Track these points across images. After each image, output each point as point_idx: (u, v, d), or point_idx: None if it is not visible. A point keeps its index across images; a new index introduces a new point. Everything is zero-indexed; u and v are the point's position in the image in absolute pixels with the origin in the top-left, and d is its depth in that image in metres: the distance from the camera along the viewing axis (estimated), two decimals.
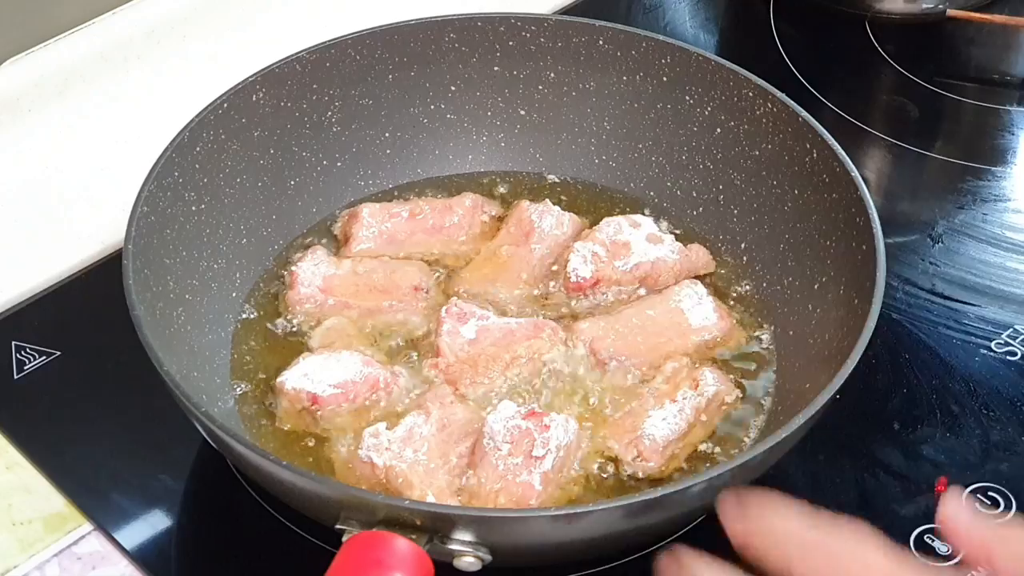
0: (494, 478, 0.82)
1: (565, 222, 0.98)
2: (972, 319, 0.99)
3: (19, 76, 1.07)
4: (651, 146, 1.02)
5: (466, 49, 1.01)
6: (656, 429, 0.85)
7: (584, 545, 0.78)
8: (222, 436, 0.76)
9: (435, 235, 0.99)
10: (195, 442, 0.89)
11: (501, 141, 1.04)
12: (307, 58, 0.98)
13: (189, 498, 0.89)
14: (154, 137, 0.93)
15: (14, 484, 0.88)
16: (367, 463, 0.82)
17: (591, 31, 1.00)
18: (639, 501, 0.75)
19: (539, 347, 0.90)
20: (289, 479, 0.76)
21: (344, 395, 0.87)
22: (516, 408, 0.84)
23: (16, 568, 0.84)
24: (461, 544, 0.73)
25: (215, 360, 0.90)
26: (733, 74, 0.97)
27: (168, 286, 0.88)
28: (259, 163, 0.97)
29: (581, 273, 0.94)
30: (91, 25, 1.10)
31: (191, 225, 0.92)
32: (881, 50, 1.21)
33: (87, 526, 0.86)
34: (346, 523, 0.74)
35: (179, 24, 1.14)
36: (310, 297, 0.94)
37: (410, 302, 0.94)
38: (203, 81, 1.07)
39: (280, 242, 0.98)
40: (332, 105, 1.00)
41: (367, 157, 1.02)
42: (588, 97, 1.02)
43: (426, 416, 0.84)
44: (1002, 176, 1.11)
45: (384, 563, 0.71)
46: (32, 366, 0.94)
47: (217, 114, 0.93)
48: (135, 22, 1.12)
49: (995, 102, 1.19)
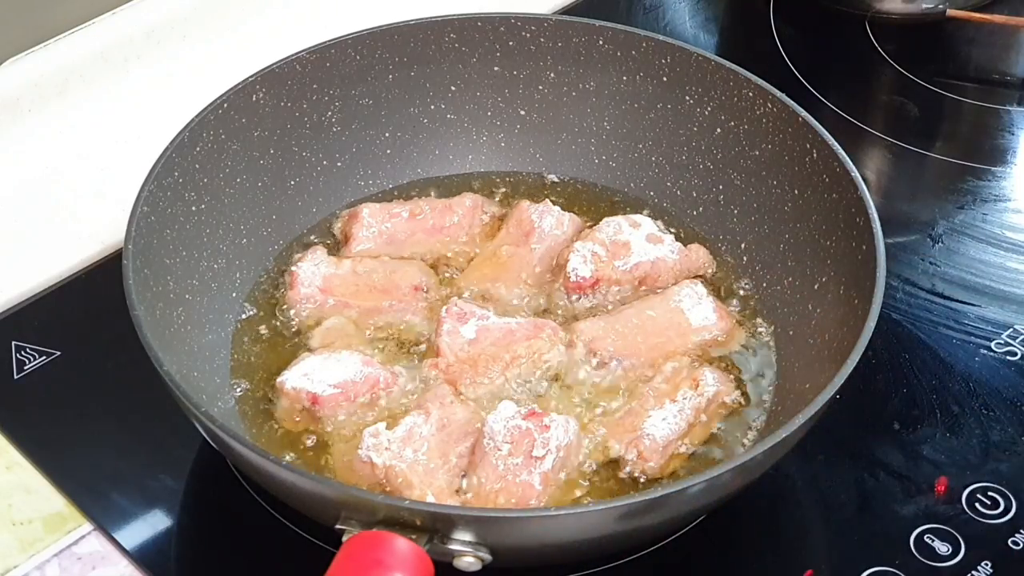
0: (494, 478, 0.82)
1: (565, 222, 0.98)
2: (972, 319, 0.99)
3: (19, 76, 1.07)
4: (651, 146, 1.02)
5: (466, 49, 1.01)
6: (656, 429, 0.85)
7: (584, 545, 0.78)
8: (222, 436, 0.76)
9: (435, 235, 0.99)
10: (195, 442, 0.89)
11: (501, 141, 1.04)
12: (307, 58, 0.98)
13: (189, 498, 0.89)
14: (154, 137, 0.93)
15: (14, 484, 0.88)
16: (367, 463, 0.82)
17: (591, 31, 1.00)
18: (639, 501, 0.75)
19: (539, 347, 0.90)
20: (289, 479, 0.76)
21: (344, 395, 0.87)
22: (516, 408, 0.84)
23: (16, 568, 0.84)
24: (461, 544, 0.73)
25: (215, 360, 0.90)
26: (733, 74, 0.97)
27: (168, 286, 0.88)
28: (259, 163, 0.97)
29: (581, 273, 0.94)
30: (91, 25, 1.10)
31: (191, 225, 0.92)
32: (881, 50, 1.21)
33: (87, 526, 0.86)
34: (346, 523, 0.74)
35: (179, 24, 1.14)
36: (310, 297, 0.94)
37: (410, 302, 0.94)
38: (203, 81, 1.07)
39: (280, 242, 0.98)
40: (332, 105, 1.00)
41: (367, 157, 1.02)
42: (588, 97, 1.02)
43: (426, 416, 0.84)
44: (1002, 176, 1.11)
45: (384, 563, 0.71)
46: (32, 366, 0.94)
47: (217, 114, 0.93)
48: (135, 22, 1.12)
49: (995, 102, 1.19)
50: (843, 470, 0.90)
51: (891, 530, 0.86)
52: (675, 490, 0.75)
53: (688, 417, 0.86)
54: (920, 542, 0.85)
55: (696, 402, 0.87)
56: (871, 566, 0.84)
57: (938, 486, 0.88)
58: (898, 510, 0.87)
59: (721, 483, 0.76)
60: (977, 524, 0.86)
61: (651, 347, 0.91)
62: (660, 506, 0.76)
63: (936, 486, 0.88)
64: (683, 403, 0.86)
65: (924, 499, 0.88)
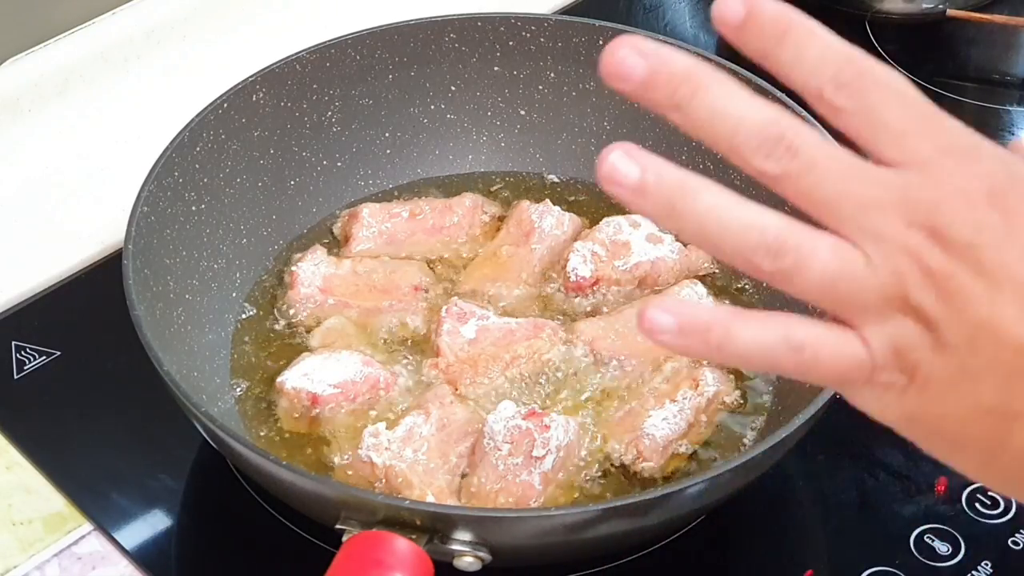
0: (494, 478, 0.82)
1: (565, 222, 0.98)
2: None
3: (19, 76, 1.07)
4: (651, 146, 1.00)
5: (466, 49, 1.01)
6: (656, 429, 0.85)
7: (584, 545, 0.78)
8: (222, 436, 0.76)
9: (435, 235, 0.99)
10: (195, 442, 0.89)
11: (501, 141, 1.04)
12: (307, 58, 0.98)
13: (189, 498, 0.89)
14: (154, 137, 0.93)
15: (14, 484, 0.88)
16: (367, 463, 0.82)
17: (591, 31, 1.00)
18: (639, 501, 0.75)
19: (539, 347, 0.90)
20: (289, 479, 0.76)
21: (344, 395, 0.87)
22: (516, 408, 0.84)
23: (16, 568, 0.84)
24: (461, 544, 0.73)
25: (215, 360, 0.90)
26: (733, 74, 0.96)
27: (168, 286, 0.88)
28: (259, 163, 0.97)
29: (581, 273, 0.94)
30: (91, 25, 1.10)
31: (191, 225, 0.92)
32: (881, 50, 1.21)
33: (87, 526, 0.86)
34: (346, 523, 0.74)
35: (179, 24, 1.14)
36: (310, 297, 0.94)
37: (410, 302, 0.94)
38: (203, 81, 1.07)
39: (280, 242, 0.98)
40: (332, 105, 1.00)
41: (367, 157, 1.02)
42: (588, 97, 1.02)
43: (426, 416, 0.84)
44: None
45: (384, 563, 0.71)
46: (32, 366, 0.94)
47: (217, 114, 0.93)
48: (135, 22, 1.12)
49: (995, 102, 1.19)
50: (843, 470, 0.90)
51: (891, 530, 0.86)
52: (675, 490, 0.75)
53: (688, 417, 0.86)
54: (920, 542, 0.85)
55: (696, 402, 0.87)
56: (871, 566, 0.84)
57: (938, 486, 0.88)
58: (898, 510, 0.87)
59: (721, 483, 0.76)
60: (977, 524, 0.86)
61: (651, 347, 0.90)
62: (660, 506, 0.76)
63: (936, 486, 0.88)
64: (683, 403, 0.86)
65: (924, 499, 0.88)
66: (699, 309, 0.54)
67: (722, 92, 0.53)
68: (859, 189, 0.51)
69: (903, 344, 0.51)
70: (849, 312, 0.52)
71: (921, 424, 0.53)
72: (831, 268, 0.51)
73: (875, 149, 0.52)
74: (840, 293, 0.51)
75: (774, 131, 0.52)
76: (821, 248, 0.51)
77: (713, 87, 0.53)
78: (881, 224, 0.50)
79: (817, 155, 0.52)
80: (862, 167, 0.52)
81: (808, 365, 0.52)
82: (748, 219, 0.52)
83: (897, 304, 0.50)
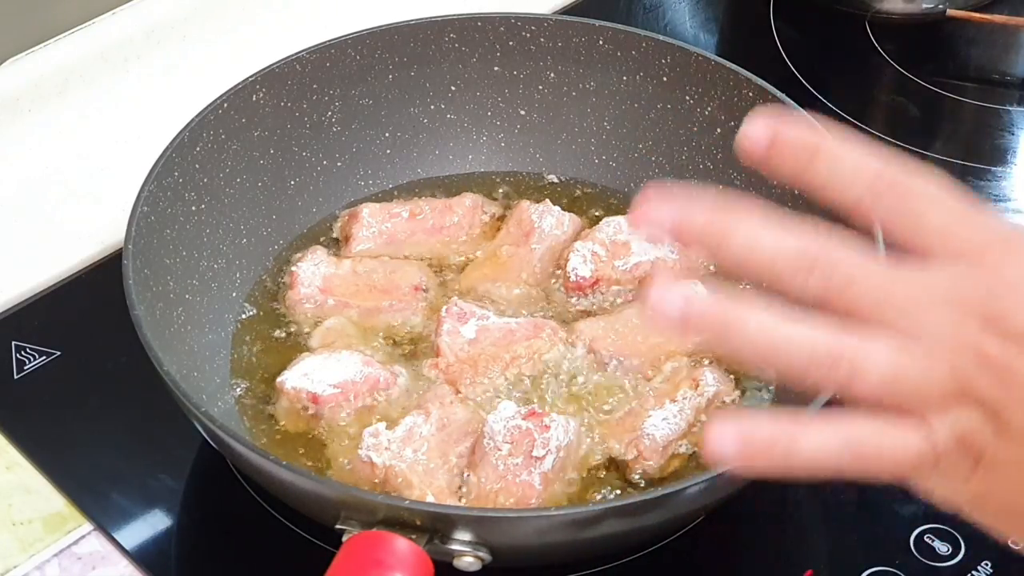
0: (494, 478, 0.82)
1: (565, 222, 0.98)
2: None
3: (19, 76, 1.07)
4: (651, 146, 1.02)
5: (466, 49, 1.01)
6: (656, 429, 0.85)
7: (584, 545, 0.78)
8: (222, 436, 0.76)
9: (435, 235, 0.99)
10: (195, 442, 0.89)
11: (501, 141, 1.04)
12: (307, 58, 0.98)
13: (189, 498, 0.89)
14: (154, 137, 0.93)
15: (14, 484, 0.88)
16: (367, 463, 0.82)
17: (591, 31, 1.00)
18: (639, 501, 0.75)
19: (539, 347, 0.90)
20: (289, 479, 0.76)
21: (344, 395, 0.87)
22: (516, 408, 0.84)
23: (16, 568, 0.84)
24: (461, 544, 0.73)
25: (215, 360, 0.90)
26: (733, 74, 0.97)
27: (168, 286, 0.88)
28: (259, 163, 0.97)
29: (581, 273, 0.94)
30: (91, 25, 1.10)
31: (191, 225, 0.92)
32: (881, 50, 1.21)
33: (87, 526, 0.86)
34: (346, 523, 0.74)
35: (179, 24, 1.14)
36: (310, 297, 0.94)
37: (410, 302, 0.94)
38: (203, 81, 1.07)
39: (280, 242, 0.98)
40: (332, 105, 1.00)
41: (367, 157, 1.02)
42: (588, 97, 1.02)
43: (426, 416, 0.84)
44: (1002, 176, 1.11)
45: (384, 563, 0.71)
46: (32, 366, 0.94)
47: (217, 114, 0.93)
48: (135, 22, 1.12)
49: (995, 102, 1.19)
50: None
51: (891, 530, 0.86)
52: (675, 490, 0.75)
53: (688, 417, 0.86)
54: (920, 542, 0.85)
55: (696, 402, 0.87)
56: (871, 566, 0.84)
57: None
58: (898, 510, 0.87)
59: (721, 483, 0.76)
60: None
61: (651, 347, 0.91)
62: (660, 506, 0.76)
63: None
64: (683, 403, 0.86)
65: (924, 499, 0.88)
66: (760, 423, 0.54)
67: (749, 234, 0.55)
68: (902, 291, 0.53)
69: (966, 431, 0.52)
70: (911, 406, 0.53)
71: (990, 505, 0.55)
72: (888, 371, 0.52)
73: (920, 247, 0.54)
74: (901, 392, 0.53)
75: (807, 260, 0.54)
76: (874, 353, 0.52)
77: (740, 230, 0.55)
78: (931, 321, 0.52)
79: (853, 271, 0.54)
80: (899, 272, 0.53)
81: (872, 463, 0.54)
82: (798, 337, 0.53)
83: (957, 394, 0.52)
